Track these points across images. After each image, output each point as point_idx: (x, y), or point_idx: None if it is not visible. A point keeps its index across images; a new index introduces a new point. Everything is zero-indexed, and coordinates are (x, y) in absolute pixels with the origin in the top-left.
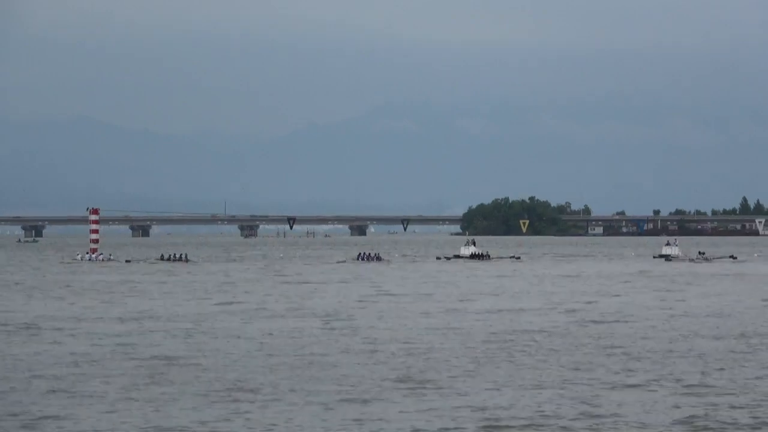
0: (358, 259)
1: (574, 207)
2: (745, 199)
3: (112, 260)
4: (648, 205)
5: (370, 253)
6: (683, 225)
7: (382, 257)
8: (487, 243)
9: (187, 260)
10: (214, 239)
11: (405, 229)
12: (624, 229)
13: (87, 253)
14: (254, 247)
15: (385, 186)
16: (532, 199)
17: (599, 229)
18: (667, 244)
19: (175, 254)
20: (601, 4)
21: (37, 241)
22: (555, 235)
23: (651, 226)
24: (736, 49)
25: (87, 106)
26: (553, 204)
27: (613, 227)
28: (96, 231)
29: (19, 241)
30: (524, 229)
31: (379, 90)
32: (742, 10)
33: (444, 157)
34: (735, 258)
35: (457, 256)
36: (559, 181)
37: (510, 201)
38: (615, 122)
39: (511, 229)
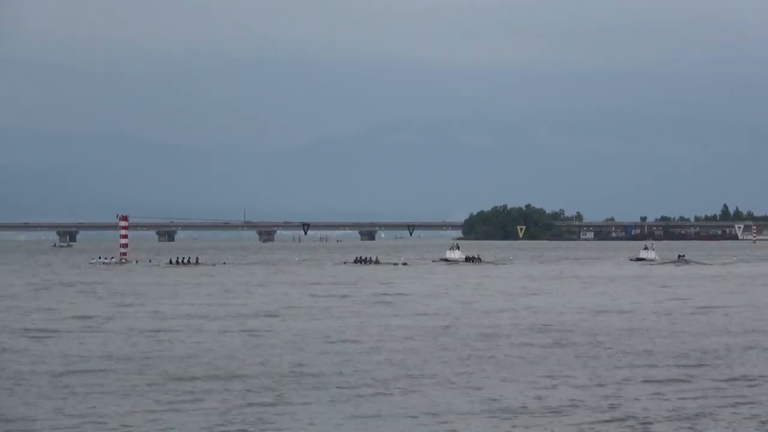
0: (355, 262)
1: (567, 213)
2: (725, 206)
3: (125, 263)
4: (635, 211)
5: (366, 257)
6: (668, 230)
7: (380, 260)
8: (487, 247)
9: (198, 263)
10: (236, 243)
11: (411, 234)
12: (613, 234)
13: (99, 257)
14: (276, 251)
15: (392, 195)
16: (528, 206)
17: (590, 234)
18: (645, 248)
19: (182, 258)
20: (590, 27)
21: (71, 246)
22: (549, 239)
23: (638, 231)
24: (717, 69)
25: (116, 122)
26: (548, 211)
27: (603, 232)
28: (125, 236)
29: (55, 245)
30: (521, 234)
31: (385, 106)
32: (723, 32)
33: (446, 168)
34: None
35: (444, 260)
36: (553, 189)
37: (508, 208)
38: (604, 136)
39: (509, 234)
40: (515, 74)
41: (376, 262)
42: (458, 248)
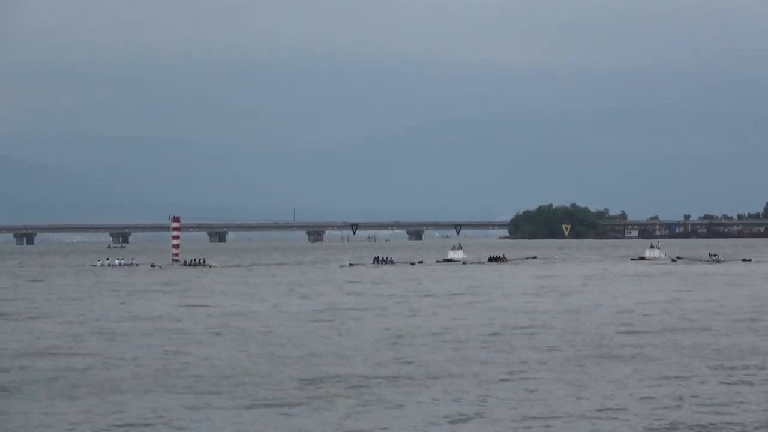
0: (374, 262)
1: (612, 212)
2: None
3: (134, 264)
4: (679, 210)
5: (384, 257)
6: (711, 228)
7: (395, 261)
8: (532, 245)
9: (205, 264)
10: (286, 243)
11: (458, 234)
12: (657, 233)
13: (107, 259)
14: (340, 252)
15: (439, 194)
16: (573, 205)
17: (635, 233)
18: (651, 246)
19: (195, 259)
20: (631, 26)
21: (124, 247)
22: (594, 238)
23: (682, 229)
24: (753, 65)
25: (166, 125)
26: (593, 209)
27: (647, 231)
28: (177, 237)
29: (109, 247)
30: (566, 233)
31: (427, 107)
32: (757, 26)
33: (491, 167)
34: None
35: (448, 260)
36: (598, 188)
37: (553, 207)
38: (647, 135)
39: (555, 233)
40: (555, 73)
41: (391, 262)
42: (461, 248)
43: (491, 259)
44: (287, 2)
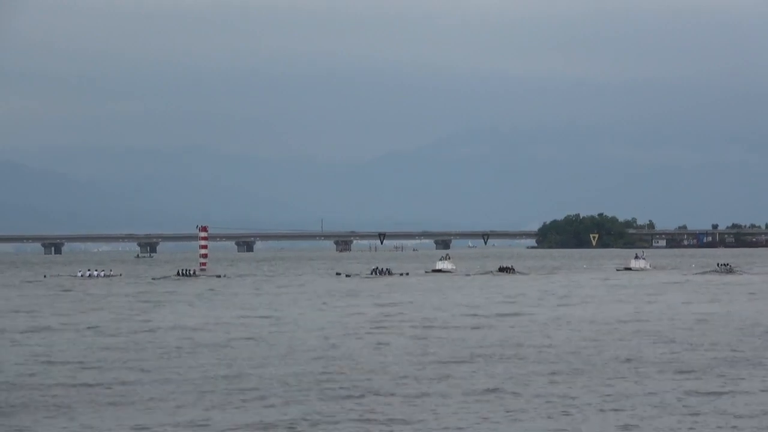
0: (372, 273)
1: (640, 222)
2: None
3: (113, 275)
4: (707, 219)
5: (383, 268)
6: (739, 238)
7: (393, 272)
8: (559, 255)
9: (195, 275)
10: (315, 254)
11: (485, 243)
12: (685, 242)
13: (88, 269)
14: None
15: (466, 204)
16: (601, 215)
17: (662, 242)
18: (636, 257)
19: (184, 269)
20: (659, 38)
21: (152, 257)
22: (622, 247)
23: (710, 239)
24: None
25: (196, 136)
26: (620, 219)
27: (675, 240)
28: (205, 247)
29: (137, 256)
30: (594, 243)
31: (454, 118)
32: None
33: (519, 177)
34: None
35: (437, 270)
36: (626, 198)
37: (581, 217)
38: (674, 145)
39: (582, 243)
40: (582, 85)
41: (389, 273)
42: (448, 258)
43: (500, 270)
44: (325, 19)
